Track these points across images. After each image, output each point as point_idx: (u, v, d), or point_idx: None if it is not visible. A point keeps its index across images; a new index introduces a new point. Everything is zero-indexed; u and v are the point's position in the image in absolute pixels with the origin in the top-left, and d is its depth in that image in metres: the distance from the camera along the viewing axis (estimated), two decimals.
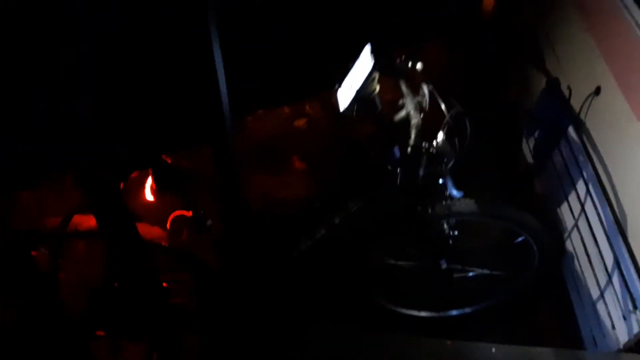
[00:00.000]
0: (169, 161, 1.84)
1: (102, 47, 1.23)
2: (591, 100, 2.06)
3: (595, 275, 2.02)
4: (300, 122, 3.12)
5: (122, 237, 1.34)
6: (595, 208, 2.00)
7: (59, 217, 1.90)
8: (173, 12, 1.31)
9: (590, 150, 2.06)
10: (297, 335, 1.85)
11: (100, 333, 1.91)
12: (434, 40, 3.14)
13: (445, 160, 1.59)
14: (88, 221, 1.84)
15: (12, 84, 1.27)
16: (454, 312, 2.30)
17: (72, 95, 1.17)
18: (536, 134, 2.51)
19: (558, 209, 2.30)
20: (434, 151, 1.59)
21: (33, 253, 1.58)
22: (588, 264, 2.06)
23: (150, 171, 1.85)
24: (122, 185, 1.53)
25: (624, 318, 1.86)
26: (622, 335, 1.87)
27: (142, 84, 1.38)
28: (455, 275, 2.13)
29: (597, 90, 2.02)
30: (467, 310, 2.29)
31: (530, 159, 2.59)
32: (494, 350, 1.81)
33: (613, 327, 1.91)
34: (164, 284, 1.98)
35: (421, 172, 1.62)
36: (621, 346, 1.87)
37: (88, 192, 1.25)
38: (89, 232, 1.77)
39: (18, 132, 1.34)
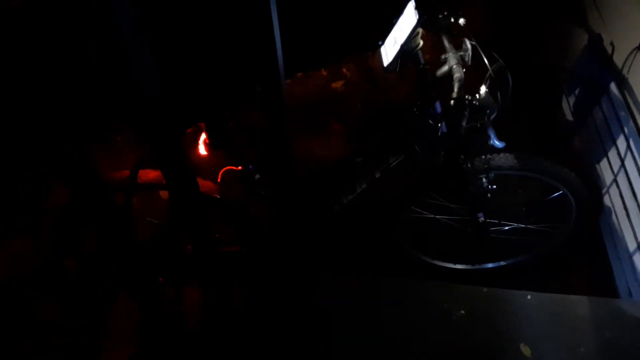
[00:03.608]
0: (223, 118, 1.94)
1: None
2: (635, 56, 2.05)
3: (633, 228, 2.05)
4: (338, 84, 3.17)
5: (185, 188, 1.44)
6: (636, 163, 2.01)
7: (115, 172, 2.05)
8: None
9: (632, 106, 2.06)
10: (341, 282, 1.95)
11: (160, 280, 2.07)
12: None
13: (487, 112, 1.62)
14: (146, 175, 1.98)
15: None
16: (490, 265, 2.37)
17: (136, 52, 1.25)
18: (576, 91, 2.51)
19: (597, 165, 2.31)
20: (477, 103, 1.63)
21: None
22: (626, 218, 2.09)
23: (204, 127, 1.96)
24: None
25: None
26: None
27: (199, 41, 1.47)
28: (493, 228, 2.20)
29: None
30: (503, 263, 2.36)
31: (569, 116, 2.59)
32: (529, 297, 1.87)
33: None
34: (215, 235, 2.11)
35: (463, 124, 1.67)
36: None
37: (155, 146, 1.35)
38: (156, 184, 1.90)
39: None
